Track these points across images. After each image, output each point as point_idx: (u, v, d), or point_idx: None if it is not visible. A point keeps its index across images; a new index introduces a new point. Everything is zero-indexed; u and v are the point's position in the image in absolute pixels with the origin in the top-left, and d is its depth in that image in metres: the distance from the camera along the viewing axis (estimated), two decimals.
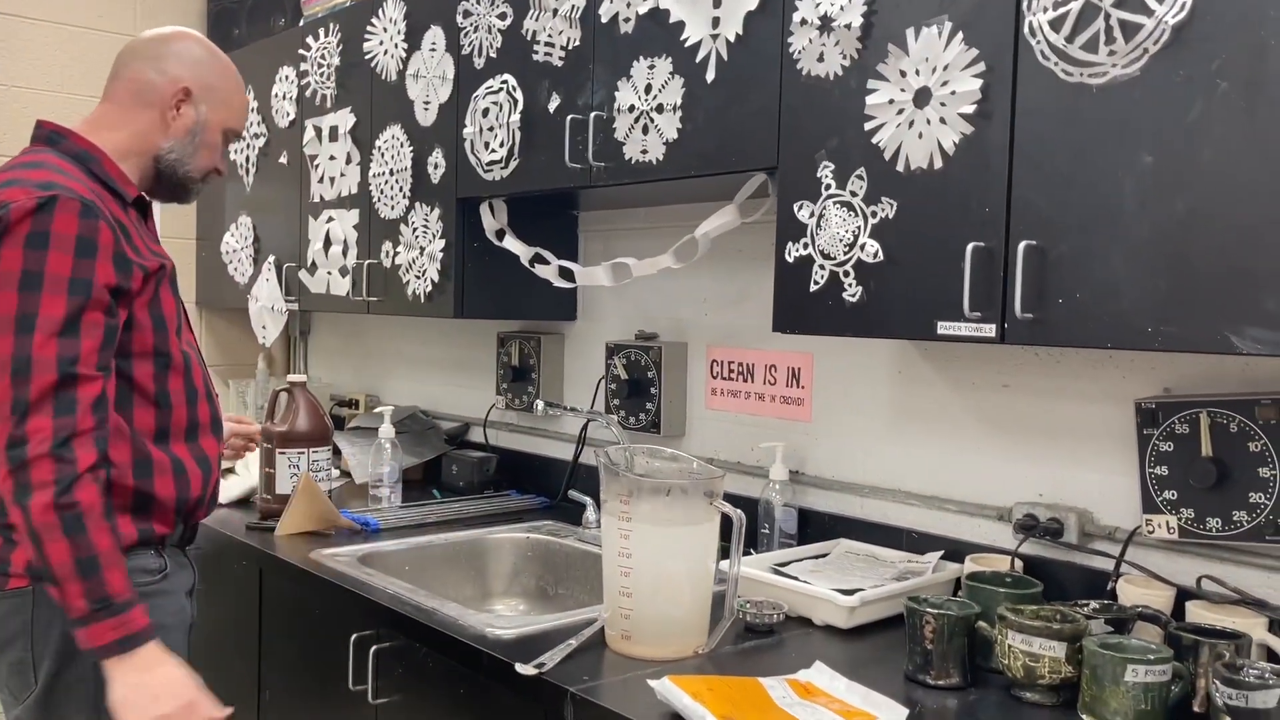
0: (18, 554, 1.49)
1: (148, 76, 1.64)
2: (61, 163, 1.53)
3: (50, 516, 1.36)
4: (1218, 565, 1.56)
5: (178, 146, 1.65)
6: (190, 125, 1.65)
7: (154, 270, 1.55)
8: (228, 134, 1.72)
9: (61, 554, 1.37)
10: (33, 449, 1.36)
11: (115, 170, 1.60)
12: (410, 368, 3.27)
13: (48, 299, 1.39)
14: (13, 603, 1.50)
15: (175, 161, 1.66)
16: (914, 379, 1.96)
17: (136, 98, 1.64)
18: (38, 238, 1.40)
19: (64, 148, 1.58)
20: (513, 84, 2.21)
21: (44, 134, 1.60)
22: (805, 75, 1.66)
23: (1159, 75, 1.28)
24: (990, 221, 1.44)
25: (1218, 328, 1.23)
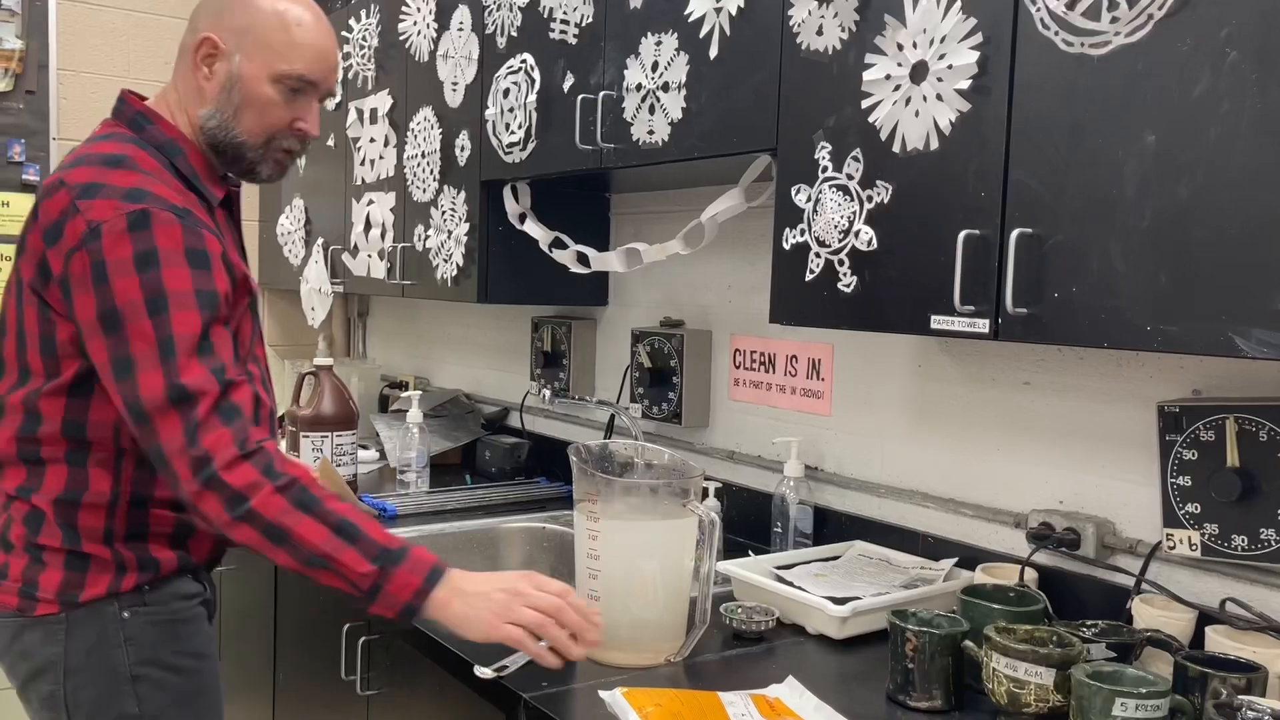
0: (47, 576, 1.35)
1: (185, 38, 1.45)
2: (146, 158, 1.36)
3: (281, 503, 1.25)
4: (1245, 587, 1.41)
5: (215, 112, 1.42)
6: (223, 82, 1.41)
7: (243, 284, 1.40)
8: (284, 79, 1.42)
9: (317, 532, 1.25)
10: (220, 460, 1.24)
11: (201, 164, 1.44)
12: (457, 351, 3.26)
13: (178, 317, 1.26)
14: (43, 631, 1.35)
15: (217, 129, 1.43)
16: (933, 374, 1.83)
17: (181, 64, 1.45)
18: (145, 258, 1.26)
19: (148, 135, 1.41)
20: (531, 63, 2.15)
21: (129, 114, 1.43)
22: (805, 50, 1.55)
23: (1164, 44, 1.14)
24: (985, 207, 1.32)
25: (1221, 328, 1.09)
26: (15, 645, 1.37)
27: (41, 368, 1.35)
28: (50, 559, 1.35)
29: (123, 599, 1.37)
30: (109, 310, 1.26)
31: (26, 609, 1.35)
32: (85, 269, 1.27)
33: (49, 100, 3.19)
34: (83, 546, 1.36)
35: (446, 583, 1.30)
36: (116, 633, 1.37)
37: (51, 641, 1.35)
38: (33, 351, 1.36)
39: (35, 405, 1.36)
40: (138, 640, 1.38)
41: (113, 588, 1.36)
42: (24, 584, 1.35)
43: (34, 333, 1.35)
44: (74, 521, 1.36)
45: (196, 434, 1.24)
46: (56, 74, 3.20)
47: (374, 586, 1.27)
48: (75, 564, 1.36)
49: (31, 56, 3.15)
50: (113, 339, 1.27)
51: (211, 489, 1.24)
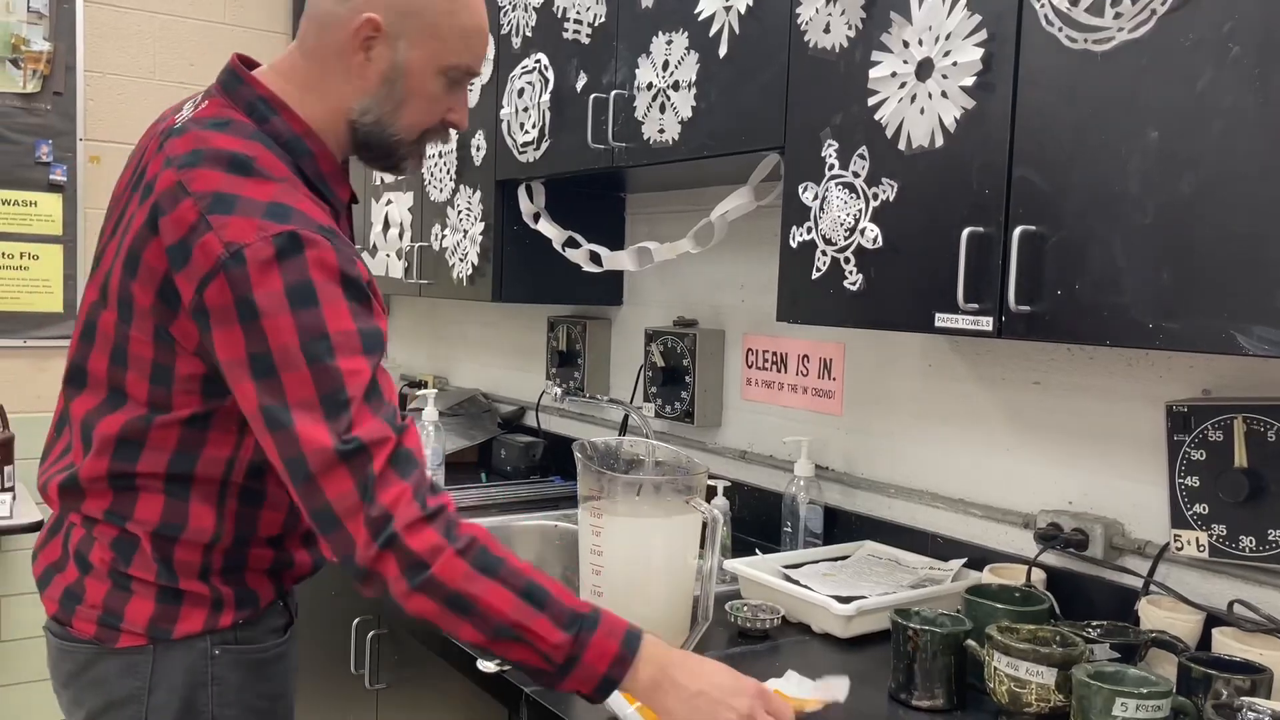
0: (135, 606, 1.23)
1: (328, 6, 1.22)
2: (275, 162, 1.18)
3: (463, 567, 1.09)
4: (1254, 589, 1.40)
5: (373, 105, 1.23)
6: (384, 71, 1.22)
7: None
8: (451, 71, 1.25)
9: (504, 599, 1.09)
10: (401, 520, 1.08)
11: (330, 167, 1.26)
12: (475, 350, 3.28)
13: (345, 364, 1.09)
14: (124, 663, 1.23)
15: (373, 125, 1.25)
16: (943, 373, 1.83)
17: (320, 38, 1.23)
18: (301, 294, 1.09)
19: (271, 128, 1.22)
20: (545, 63, 2.16)
21: (248, 96, 1.23)
22: (812, 48, 1.55)
23: (1167, 39, 1.13)
24: (989, 204, 1.31)
25: (1223, 325, 1.08)
26: (86, 675, 1.25)
27: (147, 397, 1.20)
28: (140, 589, 1.23)
29: (216, 636, 1.26)
30: (261, 354, 1.09)
31: (106, 639, 1.23)
32: (228, 303, 1.10)
33: (76, 101, 3.23)
34: (179, 583, 1.23)
35: (650, 657, 1.14)
36: (204, 671, 1.25)
37: (133, 675, 1.23)
38: (137, 378, 1.20)
39: (141, 435, 1.20)
40: (224, 681, 1.27)
41: (209, 624, 1.25)
42: (105, 612, 1.23)
43: (144, 359, 1.19)
44: (170, 556, 1.23)
45: (373, 491, 1.08)
46: (84, 75, 3.25)
47: (569, 658, 1.11)
48: (169, 598, 1.23)
49: (59, 58, 3.20)
50: (265, 385, 1.09)
51: (391, 552, 1.07)
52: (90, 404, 1.24)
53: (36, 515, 2.66)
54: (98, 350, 1.23)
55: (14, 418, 2.91)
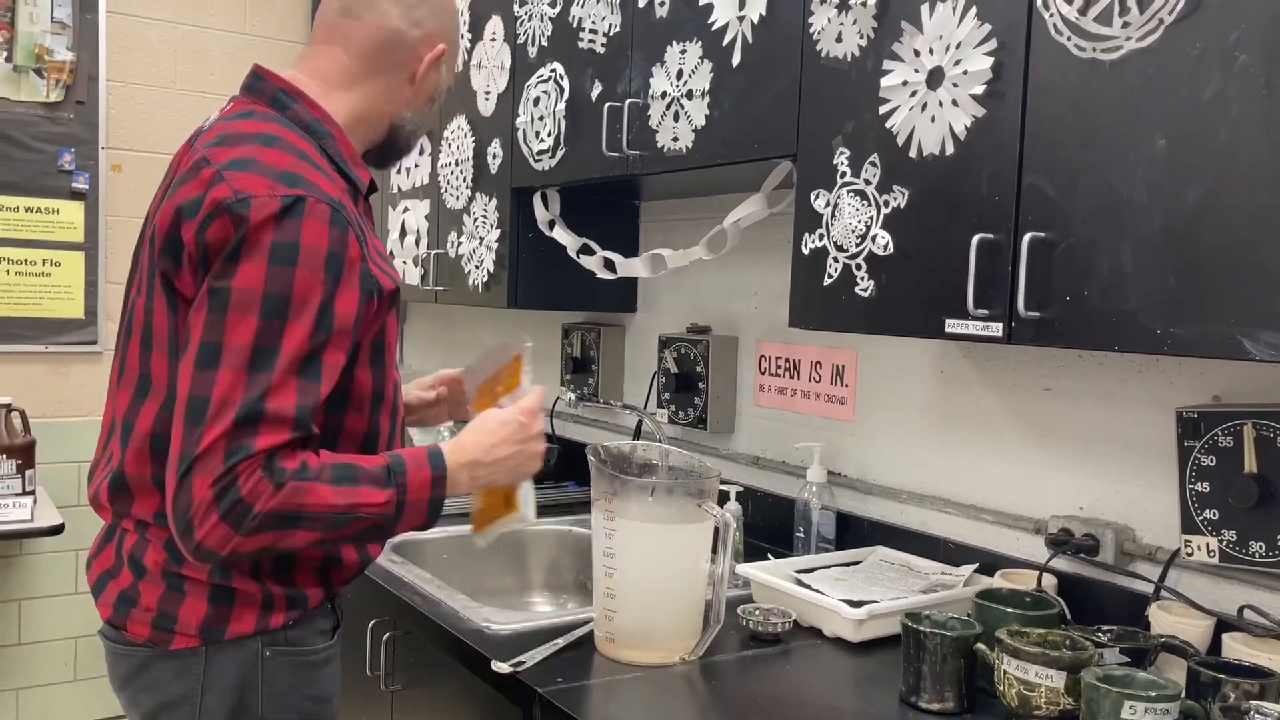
0: (188, 608, 1.25)
1: (395, 24, 1.34)
2: (297, 139, 1.25)
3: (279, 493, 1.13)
4: (1264, 594, 1.40)
5: (417, 112, 1.39)
6: (431, 92, 1.39)
7: (389, 291, 1.28)
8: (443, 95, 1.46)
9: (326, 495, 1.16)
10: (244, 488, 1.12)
11: (350, 151, 1.33)
12: None
13: (291, 330, 1.14)
14: (178, 665, 1.26)
15: (409, 126, 1.41)
16: (955, 379, 1.84)
17: (381, 50, 1.34)
18: (284, 251, 1.14)
19: (293, 114, 1.29)
20: (560, 72, 2.19)
21: (270, 91, 1.31)
22: (825, 57, 1.57)
23: (1174, 48, 1.15)
24: (998, 211, 1.33)
25: (1230, 330, 1.09)
26: (142, 677, 1.27)
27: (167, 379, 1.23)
28: (193, 590, 1.25)
29: (267, 637, 1.28)
30: (224, 289, 1.14)
31: (161, 641, 1.26)
32: (225, 238, 1.15)
33: (99, 110, 3.28)
34: (232, 581, 1.25)
35: (454, 463, 1.28)
36: (255, 672, 1.28)
37: (186, 676, 1.26)
38: (159, 357, 1.23)
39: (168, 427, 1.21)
40: (273, 682, 1.29)
41: (260, 625, 1.27)
42: (159, 614, 1.25)
43: (162, 334, 1.23)
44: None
45: (236, 476, 1.11)
46: (106, 85, 3.30)
47: (399, 505, 1.21)
48: (221, 597, 1.25)
49: (82, 68, 3.25)
50: (213, 319, 1.13)
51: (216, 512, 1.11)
52: (127, 399, 1.27)
53: (57, 519, 2.69)
54: (133, 339, 1.28)
55: (35, 422, 2.95)
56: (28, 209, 3.18)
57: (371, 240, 1.29)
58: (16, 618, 3.21)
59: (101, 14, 3.27)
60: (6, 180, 3.15)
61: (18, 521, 2.64)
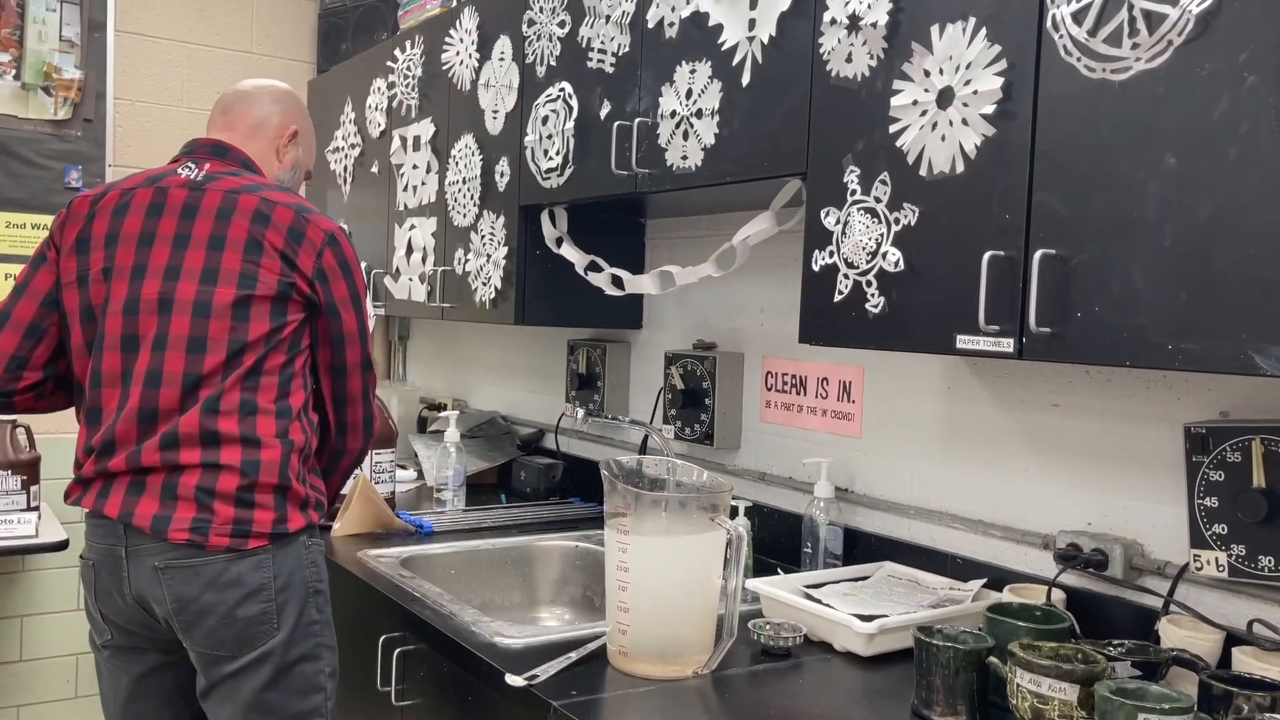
0: (260, 516, 1.64)
1: (265, 111, 1.91)
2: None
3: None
4: (1273, 608, 1.42)
5: (288, 178, 1.94)
6: (293, 161, 1.95)
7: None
8: (309, 175, 2.03)
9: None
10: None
11: None
12: (495, 374, 3.31)
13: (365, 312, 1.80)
14: (254, 561, 1.63)
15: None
16: (963, 396, 1.85)
17: (258, 130, 1.90)
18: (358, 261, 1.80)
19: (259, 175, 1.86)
20: (569, 91, 2.21)
21: (240, 158, 1.83)
22: (835, 77, 1.59)
23: (1183, 69, 1.17)
24: (1010, 229, 1.34)
25: (1240, 345, 1.11)
26: (224, 576, 1.62)
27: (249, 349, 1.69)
28: (262, 501, 1.64)
29: (307, 531, 1.71)
30: (354, 294, 1.77)
31: (239, 546, 1.62)
32: (336, 264, 1.74)
33: (106, 128, 3.30)
34: (292, 483, 1.67)
35: None
36: (304, 557, 1.69)
37: (262, 569, 1.64)
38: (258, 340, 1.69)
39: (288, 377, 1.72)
40: (315, 563, 1.72)
41: (305, 520, 1.70)
42: (236, 524, 1.62)
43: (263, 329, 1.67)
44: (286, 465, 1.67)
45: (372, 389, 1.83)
46: (113, 103, 3.32)
47: None
48: (281, 504, 1.66)
49: (90, 86, 3.27)
50: (354, 315, 1.77)
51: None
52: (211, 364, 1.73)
53: (62, 534, 2.69)
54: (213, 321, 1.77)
55: (40, 439, 2.95)
56: (35, 225, 3.19)
57: None
58: (19, 634, 3.21)
59: (110, 32, 3.29)
60: (14, 197, 3.16)
61: (23, 538, 2.64)
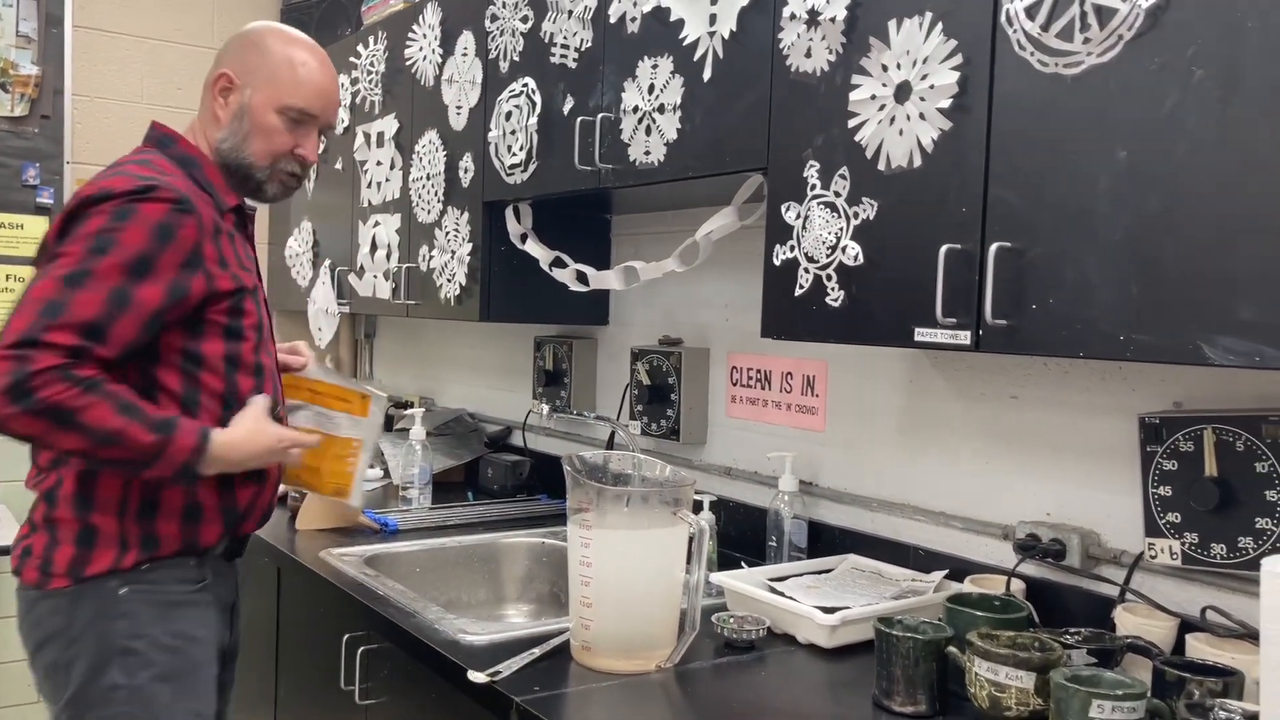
0: (60, 553, 1.49)
1: (208, 74, 1.67)
2: (167, 164, 1.56)
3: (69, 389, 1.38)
4: (1226, 595, 1.44)
5: (229, 135, 1.61)
6: (235, 111, 1.61)
7: (229, 290, 1.55)
8: (286, 111, 1.61)
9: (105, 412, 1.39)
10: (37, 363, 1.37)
11: (216, 177, 1.62)
12: (461, 371, 3.30)
13: (106, 262, 1.40)
14: (53, 603, 1.49)
15: (230, 151, 1.62)
16: (924, 389, 1.87)
17: (203, 95, 1.66)
18: (123, 212, 1.42)
19: (172, 152, 1.60)
20: (532, 87, 2.20)
21: (155, 136, 1.63)
22: (794, 72, 1.60)
23: (1133, 64, 1.18)
24: (966, 222, 1.36)
25: (1189, 337, 1.13)
26: (30, 616, 1.51)
27: None
28: (64, 535, 1.48)
29: (123, 576, 1.49)
30: (52, 254, 1.44)
31: (42, 583, 1.49)
32: (56, 228, 1.46)
33: (64, 125, 3.26)
34: (93, 517, 1.48)
35: (215, 445, 1.48)
36: (114, 607, 1.48)
37: (58, 613, 1.48)
38: None
39: None
40: (131, 615, 1.49)
41: (116, 564, 1.49)
42: (43, 560, 1.49)
43: None
44: (92, 493, 1.49)
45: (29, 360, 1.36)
46: (71, 99, 3.28)
47: (158, 453, 1.42)
48: (85, 539, 1.48)
49: (47, 82, 3.22)
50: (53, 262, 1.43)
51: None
52: None
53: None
54: None
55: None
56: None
57: (229, 246, 1.57)
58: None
59: (67, 28, 3.25)
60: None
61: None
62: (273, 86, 1.61)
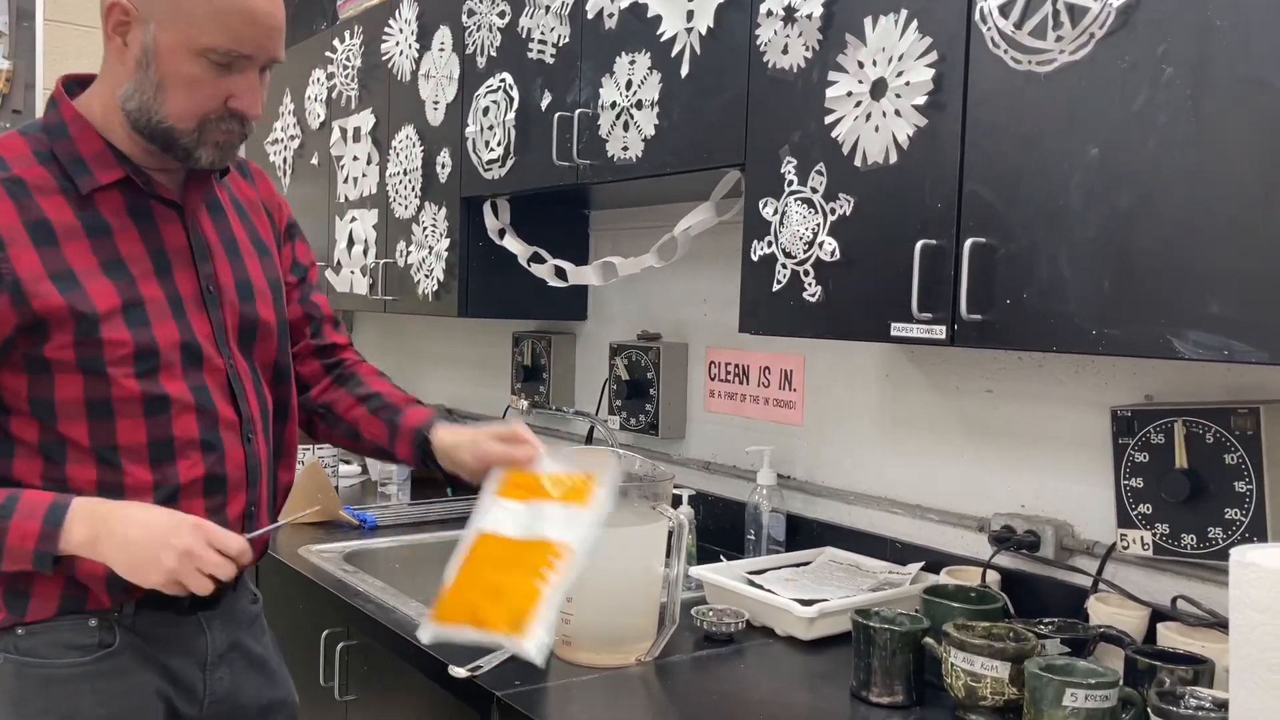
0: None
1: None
2: (10, 141, 1.22)
3: None
4: (1197, 585, 1.46)
5: (134, 89, 1.18)
6: (137, 58, 1.17)
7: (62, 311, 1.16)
8: (207, 53, 1.16)
9: None
10: None
11: (90, 149, 1.21)
12: (440, 367, 3.30)
13: None
14: None
15: (137, 112, 1.19)
16: (900, 382, 1.88)
17: (102, 29, 1.22)
18: None
19: (47, 118, 1.24)
20: (510, 82, 2.20)
21: (50, 99, 1.27)
22: (771, 68, 1.61)
23: (1105, 62, 1.20)
24: (941, 218, 1.37)
25: (1159, 331, 1.15)
26: None
27: None
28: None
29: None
30: None
31: None
32: None
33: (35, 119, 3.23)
34: None
35: (82, 516, 1.14)
36: None
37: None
38: None
39: None
40: (3, 688, 1.19)
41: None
42: None
43: None
44: None
45: None
46: (43, 94, 3.24)
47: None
48: None
49: (19, 76, 3.19)
50: None
51: None
52: None
53: None
54: None
55: None
56: None
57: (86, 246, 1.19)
58: None
59: (39, 22, 3.22)
60: None
61: None
62: (184, 19, 1.15)
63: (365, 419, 1.50)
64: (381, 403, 1.51)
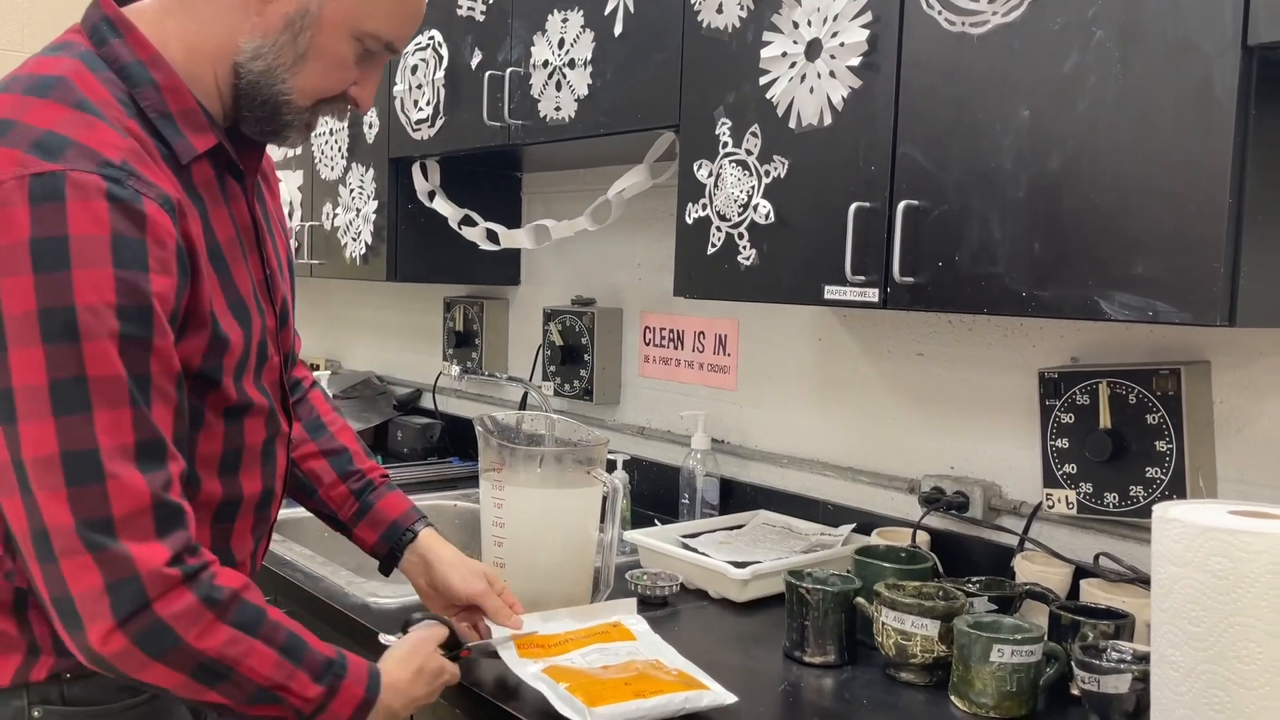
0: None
1: None
2: (91, 81, 0.97)
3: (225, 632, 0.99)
4: (1118, 543, 1.50)
5: (267, 50, 1.02)
6: (288, 16, 1.02)
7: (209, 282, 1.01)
8: (367, 40, 1.05)
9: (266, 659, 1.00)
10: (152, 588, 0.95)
11: (181, 105, 1.02)
12: (369, 333, 3.24)
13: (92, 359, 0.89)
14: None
15: (261, 75, 1.03)
16: (832, 346, 1.89)
17: None
18: (50, 251, 0.88)
19: (109, 51, 1.00)
20: (439, 40, 2.15)
21: (94, 18, 1.02)
22: (706, 28, 1.59)
23: (1036, 23, 1.20)
24: (874, 180, 1.37)
25: (1088, 292, 1.16)
26: None
27: None
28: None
29: (33, 691, 1.02)
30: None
31: None
32: None
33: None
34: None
35: (388, 686, 1.12)
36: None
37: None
38: None
39: None
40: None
41: (19, 678, 1.01)
42: None
43: None
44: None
45: (124, 563, 0.91)
46: None
47: (320, 707, 1.04)
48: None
49: None
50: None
51: (131, 626, 0.91)
52: None
53: None
54: None
55: None
56: None
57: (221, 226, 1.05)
58: None
59: None
60: None
61: None
62: (368, 2, 1.04)
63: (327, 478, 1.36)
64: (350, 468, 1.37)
